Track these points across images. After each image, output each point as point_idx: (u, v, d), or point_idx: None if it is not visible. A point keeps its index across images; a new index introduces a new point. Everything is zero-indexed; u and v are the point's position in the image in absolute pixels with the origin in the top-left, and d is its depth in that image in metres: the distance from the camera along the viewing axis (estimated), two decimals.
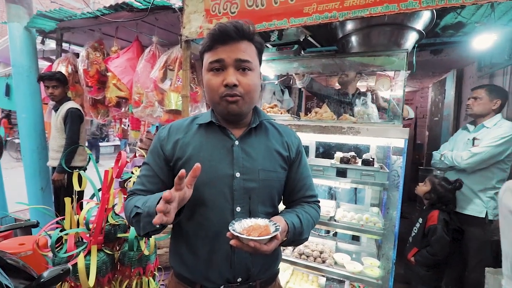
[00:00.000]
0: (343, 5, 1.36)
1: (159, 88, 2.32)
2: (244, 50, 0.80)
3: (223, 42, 0.79)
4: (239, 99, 0.80)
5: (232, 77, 0.78)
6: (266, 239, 0.68)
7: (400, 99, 1.65)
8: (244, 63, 0.80)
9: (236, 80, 0.78)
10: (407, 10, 1.25)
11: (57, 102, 2.66)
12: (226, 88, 0.79)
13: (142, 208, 0.75)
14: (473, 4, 1.20)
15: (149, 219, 0.71)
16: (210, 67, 0.81)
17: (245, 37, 0.80)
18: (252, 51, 0.82)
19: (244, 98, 0.81)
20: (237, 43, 0.79)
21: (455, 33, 2.45)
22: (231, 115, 0.84)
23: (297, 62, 2.10)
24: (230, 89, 0.78)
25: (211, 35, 0.79)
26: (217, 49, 0.79)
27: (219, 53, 0.79)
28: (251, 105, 0.86)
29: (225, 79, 0.78)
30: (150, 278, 1.63)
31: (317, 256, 1.88)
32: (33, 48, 2.94)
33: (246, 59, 0.79)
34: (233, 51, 0.79)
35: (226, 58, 0.78)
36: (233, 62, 0.79)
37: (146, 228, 0.75)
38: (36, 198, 2.99)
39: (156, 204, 0.68)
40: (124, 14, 2.40)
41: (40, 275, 0.93)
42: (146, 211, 0.73)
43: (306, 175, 0.99)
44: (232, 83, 0.78)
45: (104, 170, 1.56)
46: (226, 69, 0.79)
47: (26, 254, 1.95)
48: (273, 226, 0.73)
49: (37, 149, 2.96)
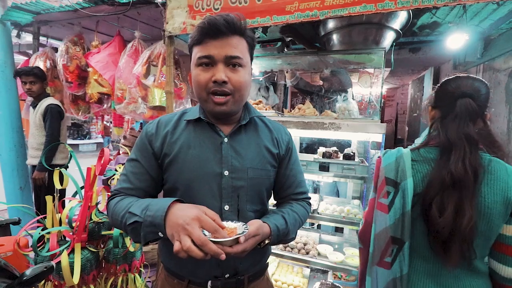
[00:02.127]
0: (324, 4, 1.41)
1: (142, 84, 2.29)
2: (235, 45, 0.77)
3: (213, 37, 0.75)
4: (229, 98, 0.78)
5: (221, 73, 0.75)
6: (227, 241, 0.65)
7: (378, 95, 1.72)
8: (235, 60, 0.77)
9: (226, 76, 0.76)
10: (384, 10, 1.30)
11: (35, 98, 2.57)
12: (215, 84, 0.76)
13: (142, 216, 0.70)
14: (444, 6, 1.27)
15: (153, 229, 0.68)
16: (198, 62, 0.78)
17: (236, 32, 0.77)
18: (243, 47, 0.79)
19: (234, 96, 0.79)
20: (227, 38, 0.76)
21: (431, 32, 2.57)
22: (220, 114, 0.83)
23: (281, 59, 2.14)
24: (219, 85, 0.76)
25: (200, 28, 0.76)
26: (207, 44, 0.76)
27: (208, 49, 0.76)
28: (241, 103, 0.84)
29: (214, 75, 0.76)
30: (136, 275, 1.63)
31: (301, 248, 1.95)
32: (7, 42, 2.82)
33: (237, 55, 0.76)
34: (223, 47, 0.75)
35: (216, 54, 0.75)
36: (223, 58, 0.76)
37: (148, 238, 0.70)
38: (15, 197, 2.89)
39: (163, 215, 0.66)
40: (105, 8, 2.34)
41: (22, 273, 0.92)
42: (149, 220, 0.68)
43: (296, 172, 0.97)
44: (221, 80, 0.75)
45: (87, 167, 1.54)
46: (216, 65, 0.76)
47: (6, 255, 1.89)
48: (241, 229, 0.72)
49: (14, 147, 2.85)
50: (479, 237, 0.81)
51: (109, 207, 0.82)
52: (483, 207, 0.80)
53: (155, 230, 0.68)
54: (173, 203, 0.70)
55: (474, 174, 0.79)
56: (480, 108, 0.86)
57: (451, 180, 0.80)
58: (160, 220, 0.66)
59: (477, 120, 0.87)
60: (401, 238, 0.87)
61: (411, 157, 0.90)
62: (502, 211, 0.80)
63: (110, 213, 0.81)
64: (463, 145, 0.82)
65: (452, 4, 1.25)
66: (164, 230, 0.66)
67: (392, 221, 0.88)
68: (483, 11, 1.93)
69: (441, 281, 0.87)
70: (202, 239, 0.61)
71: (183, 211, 0.66)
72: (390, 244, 0.88)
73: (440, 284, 0.87)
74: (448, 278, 0.87)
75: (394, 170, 0.90)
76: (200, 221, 0.64)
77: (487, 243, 0.84)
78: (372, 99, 2.01)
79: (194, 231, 0.62)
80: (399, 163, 0.89)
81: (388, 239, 0.89)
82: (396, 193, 0.88)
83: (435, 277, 0.88)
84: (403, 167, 0.88)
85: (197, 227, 0.63)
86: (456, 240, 0.79)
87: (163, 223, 0.66)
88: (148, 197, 0.84)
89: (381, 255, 0.91)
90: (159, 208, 0.69)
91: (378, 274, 0.93)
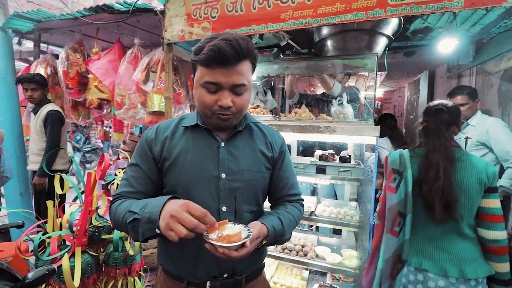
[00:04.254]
0: (317, 12, 1.46)
1: (141, 90, 2.33)
2: (242, 73, 0.79)
3: (221, 64, 0.77)
4: (231, 116, 0.83)
5: (227, 100, 0.79)
6: (235, 246, 0.69)
7: (372, 98, 1.77)
8: (240, 87, 0.81)
9: (231, 101, 0.80)
10: (374, 18, 1.35)
11: (36, 105, 2.61)
12: (220, 108, 0.80)
13: (140, 213, 0.73)
14: (432, 13, 1.32)
15: (150, 225, 0.71)
16: (205, 85, 0.80)
17: (244, 58, 0.79)
18: (248, 70, 0.82)
19: (236, 116, 0.85)
20: (235, 66, 0.78)
21: (424, 36, 2.62)
22: (222, 128, 0.88)
23: (277, 64, 2.19)
24: (224, 109, 0.80)
25: (208, 56, 0.76)
26: (215, 70, 0.78)
27: (216, 76, 0.78)
28: (241, 117, 0.90)
29: (219, 99, 0.79)
30: (135, 278, 1.65)
31: (299, 250, 1.97)
32: (9, 49, 2.87)
33: (243, 83, 0.80)
34: (230, 76, 0.78)
35: (223, 82, 0.78)
36: (230, 86, 0.79)
37: (146, 234, 0.74)
38: (15, 203, 2.91)
39: (159, 210, 0.70)
40: (105, 16, 2.39)
41: (25, 276, 0.94)
42: (147, 217, 0.72)
43: (289, 174, 1.00)
44: (227, 106, 0.79)
45: (87, 172, 1.57)
46: (222, 91, 0.80)
47: (7, 260, 1.91)
48: (245, 233, 0.74)
49: (15, 153, 2.88)
50: (463, 208, 1.16)
51: (111, 209, 0.86)
52: (464, 186, 1.17)
53: (152, 226, 0.71)
54: (169, 200, 0.73)
55: (449, 161, 1.16)
56: (451, 119, 1.24)
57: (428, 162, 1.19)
58: (156, 216, 0.70)
59: (450, 127, 1.25)
60: (404, 212, 1.20)
61: (410, 154, 1.28)
62: (478, 189, 1.16)
63: (112, 215, 0.84)
64: (436, 140, 1.22)
65: (439, 11, 1.30)
66: (159, 226, 0.69)
67: (398, 199, 1.22)
68: (473, 16, 1.99)
69: (438, 244, 1.20)
70: (193, 222, 0.66)
71: (173, 203, 0.71)
72: (397, 217, 1.22)
73: (438, 247, 1.20)
74: (444, 242, 1.20)
75: (398, 163, 1.27)
76: (188, 207, 0.68)
77: (471, 213, 1.18)
78: (366, 103, 2.06)
79: (183, 217, 0.66)
80: (401, 159, 1.27)
81: (396, 213, 1.22)
82: (401, 179, 1.24)
83: (434, 241, 1.21)
84: (404, 161, 1.26)
85: (184, 212, 0.67)
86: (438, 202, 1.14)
87: (158, 218, 0.70)
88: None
89: (392, 225, 1.24)
90: (156, 205, 0.73)
91: (389, 241, 1.24)
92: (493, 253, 1.15)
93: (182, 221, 0.66)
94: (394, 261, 1.22)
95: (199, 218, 0.68)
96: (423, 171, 1.21)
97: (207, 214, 0.69)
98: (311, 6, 1.48)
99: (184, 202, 0.70)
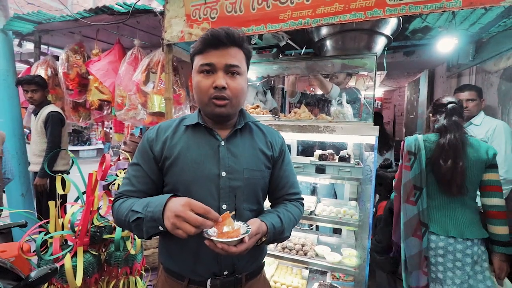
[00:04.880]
0: (315, 12, 1.46)
1: (142, 90, 2.34)
2: (234, 55, 0.84)
3: (214, 47, 0.83)
4: (227, 102, 0.85)
5: (221, 80, 0.82)
6: (234, 241, 0.71)
7: (371, 98, 1.77)
8: (233, 68, 0.84)
9: (225, 83, 0.83)
10: (373, 18, 1.36)
11: (37, 106, 2.62)
12: (215, 90, 0.83)
13: (143, 212, 0.76)
14: (430, 13, 1.33)
15: (153, 223, 0.73)
16: (200, 69, 0.85)
17: (235, 43, 0.85)
18: (241, 57, 0.87)
19: (232, 101, 0.85)
20: (227, 48, 0.84)
21: (424, 36, 2.63)
22: (219, 116, 0.89)
23: (277, 64, 2.20)
24: (219, 91, 0.83)
25: (203, 39, 0.84)
26: (209, 53, 0.84)
27: (210, 57, 0.83)
28: (238, 108, 0.91)
29: (214, 81, 0.83)
30: (137, 277, 1.67)
31: (299, 249, 1.98)
32: (9, 51, 2.88)
33: (235, 64, 0.84)
34: (223, 56, 0.83)
35: (216, 62, 0.83)
36: (223, 66, 0.83)
37: (150, 232, 0.76)
38: (17, 204, 2.92)
39: (161, 209, 0.72)
40: (104, 17, 2.40)
41: (28, 275, 0.95)
42: (150, 216, 0.74)
43: (289, 173, 1.02)
44: (221, 85, 0.82)
45: (89, 172, 1.58)
46: (216, 72, 0.84)
47: (9, 260, 1.93)
48: (244, 229, 0.76)
49: (16, 154, 2.89)
50: (468, 181, 1.43)
51: (114, 208, 0.87)
52: (470, 163, 1.44)
53: (156, 224, 0.73)
54: (170, 198, 0.75)
55: (461, 143, 1.43)
56: (460, 111, 1.55)
57: (448, 145, 1.43)
58: (159, 215, 0.72)
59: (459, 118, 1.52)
60: (420, 186, 1.50)
61: (423, 139, 1.54)
62: (481, 166, 1.44)
63: (115, 213, 0.86)
64: (454, 128, 1.48)
65: (438, 11, 1.31)
66: (163, 224, 0.72)
67: (413, 175, 1.51)
68: (472, 15, 1.99)
69: (444, 212, 1.48)
70: (199, 220, 0.68)
71: (175, 202, 0.73)
72: (412, 189, 1.51)
73: (444, 215, 1.48)
74: (449, 210, 1.48)
75: (413, 146, 1.53)
76: (190, 205, 0.70)
77: (474, 186, 1.47)
78: (365, 102, 2.06)
79: (188, 215, 0.68)
80: (416, 142, 1.54)
81: (411, 186, 1.52)
82: (415, 159, 1.52)
83: (441, 210, 1.49)
84: (418, 144, 1.53)
85: (188, 210, 0.69)
86: (454, 178, 1.40)
87: (161, 217, 0.72)
88: None
89: (408, 196, 1.53)
90: (158, 204, 0.75)
91: (407, 209, 1.53)
92: (493, 217, 1.42)
93: (188, 219, 0.68)
94: (417, 224, 1.50)
95: (202, 215, 0.70)
96: (439, 153, 1.45)
97: (210, 211, 0.71)
98: (310, 7, 1.49)
99: (185, 201, 0.71)
